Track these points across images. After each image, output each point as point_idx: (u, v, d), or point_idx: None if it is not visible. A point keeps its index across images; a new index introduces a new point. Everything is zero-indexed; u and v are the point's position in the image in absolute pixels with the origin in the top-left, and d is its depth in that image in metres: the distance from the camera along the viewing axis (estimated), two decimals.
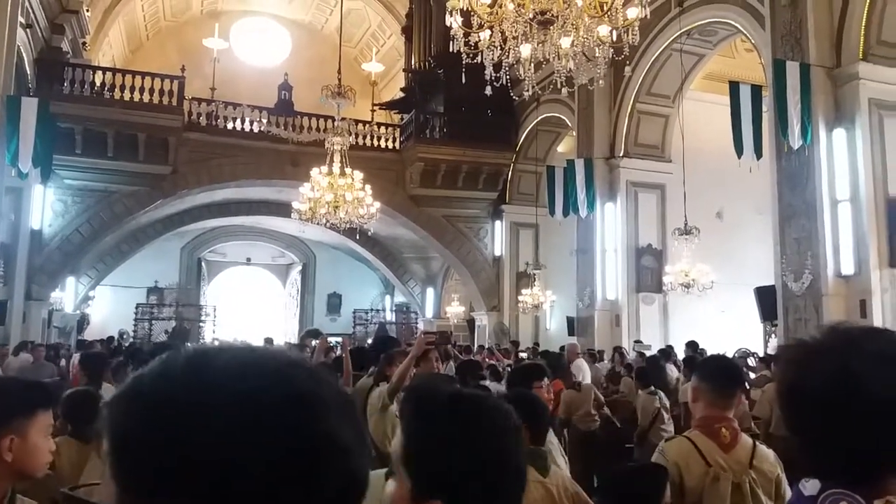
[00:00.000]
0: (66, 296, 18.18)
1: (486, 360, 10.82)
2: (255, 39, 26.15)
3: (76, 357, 11.28)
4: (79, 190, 15.95)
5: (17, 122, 12.00)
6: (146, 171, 16.09)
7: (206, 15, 24.73)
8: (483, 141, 18.12)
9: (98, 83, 15.94)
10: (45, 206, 15.60)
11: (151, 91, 15.88)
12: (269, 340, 13.40)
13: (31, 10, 14.17)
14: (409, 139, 18.52)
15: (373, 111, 20.51)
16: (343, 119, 13.07)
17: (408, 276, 23.22)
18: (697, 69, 14.08)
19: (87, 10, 17.42)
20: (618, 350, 12.10)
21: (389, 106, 21.47)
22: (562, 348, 13.84)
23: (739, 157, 10.30)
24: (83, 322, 19.89)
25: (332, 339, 6.96)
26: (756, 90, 10.47)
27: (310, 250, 25.79)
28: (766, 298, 10.99)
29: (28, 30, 14.09)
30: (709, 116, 13.65)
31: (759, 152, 10.25)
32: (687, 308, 13.62)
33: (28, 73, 14.88)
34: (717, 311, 13.79)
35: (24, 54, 14.20)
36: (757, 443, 2.68)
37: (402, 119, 20.46)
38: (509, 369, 11.20)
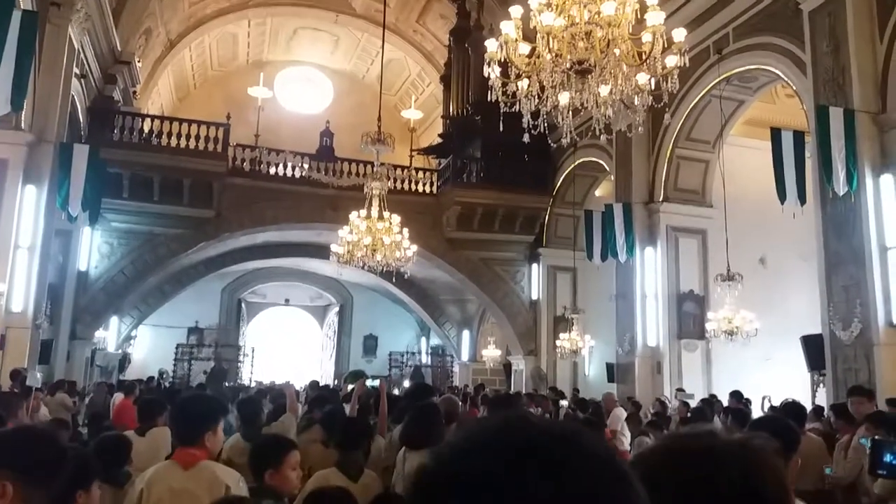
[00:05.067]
0: (109, 335, 18.54)
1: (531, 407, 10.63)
2: (299, 88, 26.86)
3: (118, 396, 11.48)
4: (125, 232, 16.40)
5: (68, 167, 12.43)
6: (190, 215, 16.49)
7: (251, 65, 25.53)
8: (520, 185, 18.16)
9: (146, 130, 16.52)
10: (92, 248, 16.07)
11: (197, 137, 16.36)
12: (314, 383, 13.41)
13: (86, 62, 14.83)
14: (446, 183, 18.67)
15: (411, 156, 20.79)
16: (382, 164, 13.26)
17: (444, 319, 23.16)
18: (737, 115, 13.95)
19: (139, 61, 18.15)
20: (658, 400, 11.80)
21: (427, 151, 21.74)
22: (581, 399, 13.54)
23: (782, 203, 10.10)
24: (125, 361, 20.21)
25: (369, 382, 6.96)
26: (798, 136, 10.32)
27: (347, 292, 25.96)
28: (813, 347, 10.63)
29: (82, 80, 14.72)
30: (750, 161, 13.48)
31: (802, 198, 10.05)
32: (731, 356, 13.25)
33: (81, 120, 15.49)
34: (761, 360, 13.39)
35: (77, 103, 14.81)
36: None
37: (439, 164, 20.67)
38: (547, 416, 11.04)
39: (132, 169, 15.67)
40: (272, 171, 17.67)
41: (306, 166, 17.87)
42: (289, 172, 17.76)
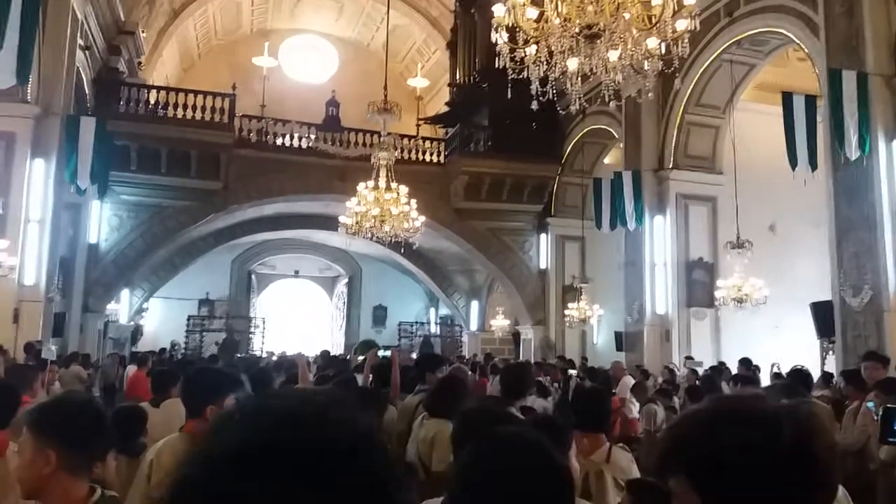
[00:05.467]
0: (120, 308, 18.68)
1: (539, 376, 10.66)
2: (304, 57, 26.62)
3: (131, 368, 11.63)
4: (133, 205, 16.43)
5: (75, 140, 12.42)
6: (198, 187, 16.48)
7: (256, 34, 25.29)
8: (528, 153, 18.02)
9: (152, 101, 16.46)
10: (102, 221, 16.12)
11: (203, 108, 16.28)
12: (325, 353, 13.50)
13: (90, 33, 14.71)
14: (453, 153, 18.56)
15: (418, 126, 20.64)
16: (389, 134, 13.18)
17: (452, 289, 23.22)
18: (748, 79, 13.77)
19: (143, 32, 17.99)
20: (667, 367, 11.85)
21: (434, 120, 21.58)
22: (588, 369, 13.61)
23: (793, 169, 10.02)
24: (137, 333, 20.41)
25: (381, 353, 7.05)
26: (810, 100, 10.18)
27: (356, 263, 26.03)
28: (822, 314, 10.62)
29: (87, 51, 14.62)
30: (761, 127, 13.32)
31: (813, 164, 9.95)
32: (740, 323, 13.25)
33: (87, 92, 15.42)
34: (770, 327, 13.39)
35: (83, 75, 14.73)
36: None
37: (446, 133, 20.53)
38: (556, 385, 11.10)
39: (139, 141, 15.64)
40: (279, 141, 17.59)
41: (313, 137, 17.78)
42: (295, 143, 17.68)
